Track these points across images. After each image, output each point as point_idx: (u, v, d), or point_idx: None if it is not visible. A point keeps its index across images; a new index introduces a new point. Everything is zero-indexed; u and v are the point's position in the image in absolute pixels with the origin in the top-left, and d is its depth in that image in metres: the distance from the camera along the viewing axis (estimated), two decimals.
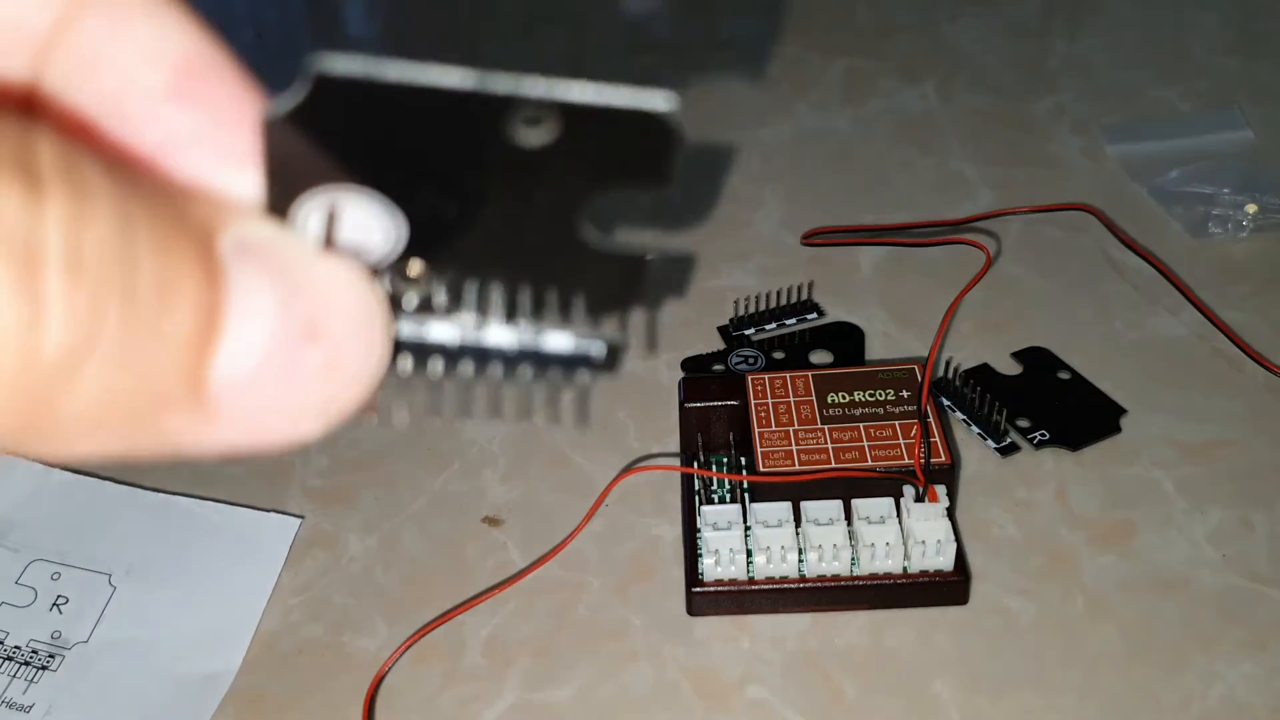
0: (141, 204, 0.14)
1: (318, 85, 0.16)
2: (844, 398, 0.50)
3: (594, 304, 0.19)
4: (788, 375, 0.51)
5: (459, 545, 0.50)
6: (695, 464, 0.51)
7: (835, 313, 0.61)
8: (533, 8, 0.89)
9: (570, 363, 0.19)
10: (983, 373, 0.56)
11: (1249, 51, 0.81)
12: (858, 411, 0.49)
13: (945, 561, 0.46)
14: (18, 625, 0.48)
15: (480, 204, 0.17)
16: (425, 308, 0.18)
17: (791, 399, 0.50)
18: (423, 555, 0.50)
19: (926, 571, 0.46)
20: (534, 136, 0.16)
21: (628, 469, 0.53)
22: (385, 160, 0.17)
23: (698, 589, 0.46)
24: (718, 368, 0.58)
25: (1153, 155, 0.70)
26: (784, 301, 0.60)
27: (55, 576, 0.49)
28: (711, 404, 0.52)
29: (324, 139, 0.16)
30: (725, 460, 0.51)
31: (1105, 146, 0.72)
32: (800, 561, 0.46)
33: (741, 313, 0.60)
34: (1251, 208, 0.64)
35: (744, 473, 0.50)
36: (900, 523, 0.46)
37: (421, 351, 0.18)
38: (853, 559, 0.46)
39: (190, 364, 0.15)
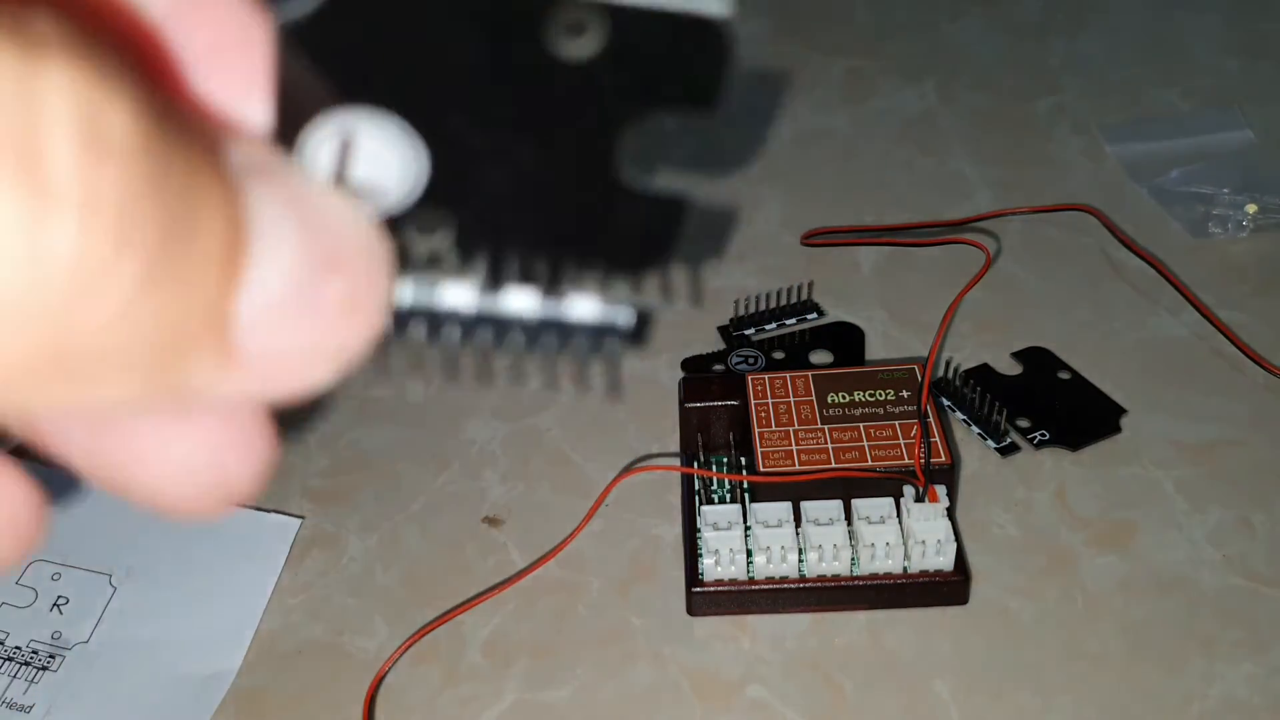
0: (151, 97, 0.12)
1: None
2: (844, 398, 0.50)
3: (627, 257, 0.17)
4: (788, 375, 0.51)
5: (459, 545, 0.50)
6: (695, 464, 0.51)
7: (835, 313, 0.61)
8: None
9: (597, 331, 0.17)
10: (983, 373, 0.56)
11: (1249, 51, 0.81)
12: (858, 411, 0.49)
13: (945, 561, 0.46)
14: (18, 625, 0.48)
15: (510, 134, 0.15)
16: (438, 265, 0.16)
17: (791, 399, 0.50)
18: (423, 555, 0.50)
19: (926, 571, 0.46)
20: (575, 48, 0.15)
21: (628, 469, 0.52)
22: (408, 77, 0.15)
23: (698, 589, 0.46)
24: (718, 368, 0.57)
25: (1153, 155, 0.70)
26: (784, 301, 0.60)
27: (56, 577, 0.49)
28: (711, 404, 0.52)
29: (340, 49, 0.14)
30: (725, 460, 0.51)
31: (1105, 146, 0.72)
32: (800, 561, 0.46)
33: (741, 313, 0.60)
34: (1251, 208, 0.64)
35: (744, 473, 0.50)
36: (900, 523, 0.46)
37: (435, 317, 0.17)
38: (853, 559, 0.46)
39: (220, 291, 0.13)
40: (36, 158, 0.11)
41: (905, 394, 0.50)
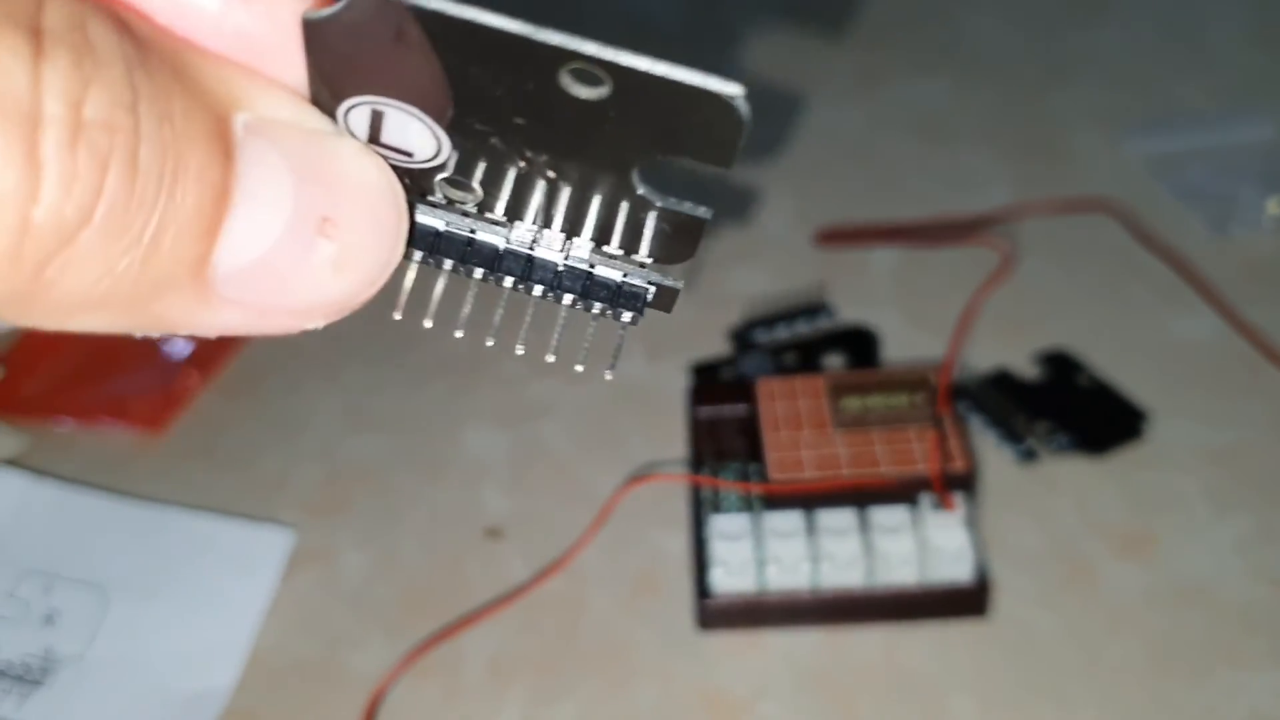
0: (152, 75, 0.14)
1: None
2: (858, 403, 0.49)
3: (648, 252, 0.18)
4: (799, 379, 0.50)
5: (459, 558, 0.49)
6: (704, 472, 0.49)
7: (848, 314, 0.59)
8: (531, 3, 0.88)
9: (619, 297, 0.19)
10: (1001, 377, 0.55)
11: (1272, 45, 0.79)
12: (872, 417, 0.48)
13: (963, 572, 0.45)
14: (9, 640, 0.47)
15: (529, 141, 0.16)
16: (475, 211, 0.18)
17: (803, 404, 0.49)
18: (421, 569, 0.49)
19: (944, 583, 0.45)
20: (585, 93, 0.16)
21: (634, 478, 0.51)
22: (430, 82, 0.16)
23: (707, 601, 0.45)
24: (727, 372, 0.56)
25: (1173, 151, 0.69)
26: (795, 303, 0.59)
27: (47, 590, 0.49)
28: (720, 410, 0.51)
29: (369, 50, 0.15)
30: (735, 468, 0.50)
31: (1125, 142, 0.70)
32: (813, 573, 0.45)
33: (751, 315, 0.59)
34: (1274, 205, 0.63)
35: (754, 481, 0.48)
36: (916, 532, 0.45)
37: (464, 254, 0.18)
38: (868, 570, 0.45)
39: (194, 248, 0.14)
40: (34, 134, 0.13)
41: (921, 399, 0.49)
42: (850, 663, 0.45)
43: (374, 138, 0.16)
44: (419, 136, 0.16)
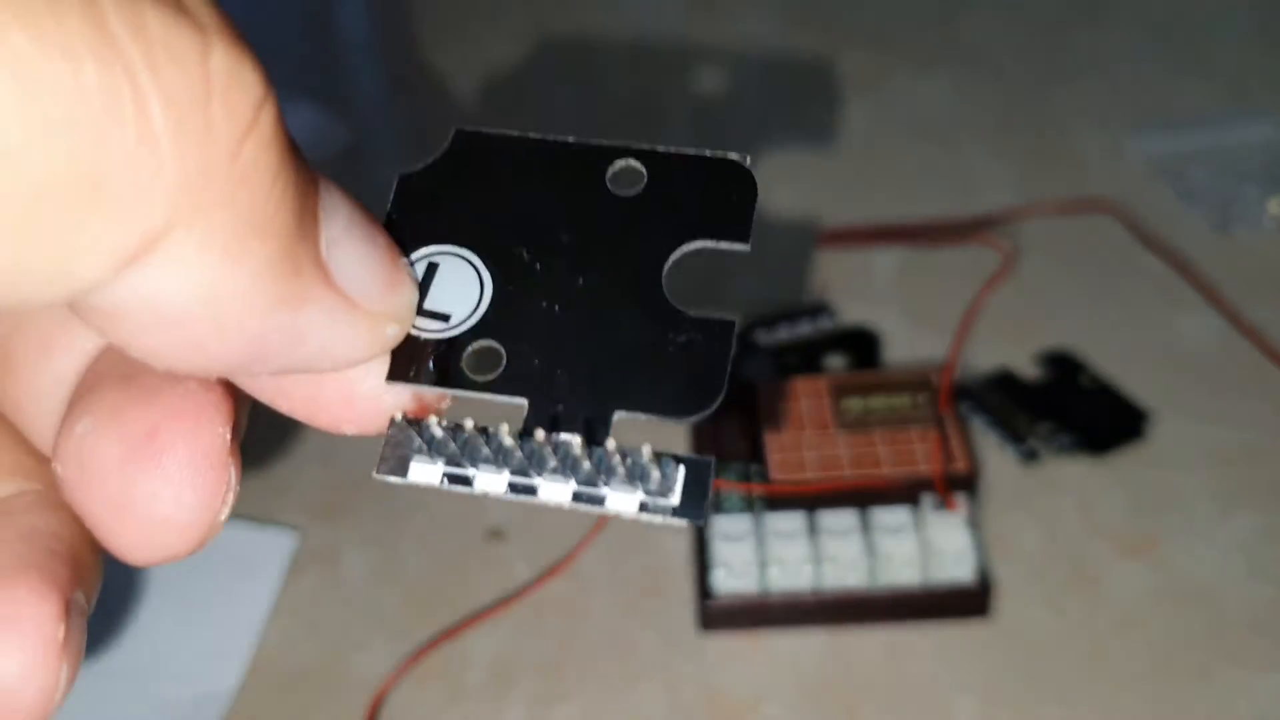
0: None
1: (455, 138, 0.19)
2: (859, 404, 0.48)
3: (678, 383, 0.19)
4: (801, 380, 0.50)
5: (461, 560, 0.49)
6: None
7: (849, 315, 0.59)
8: (535, 10, 0.88)
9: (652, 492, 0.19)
10: (1003, 377, 0.55)
11: (1273, 45, 0.79)
12: (874, 418, 0.48)
13: (966, 573, 0.45)
14: None
15: (571, 262, 0.19)
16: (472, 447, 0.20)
17: (805, 405, 0.49)
18: (424, 571, 0.49)
19: (946, 583, 0.45)
20: (625, 192, 0.19)
21: None
22: (495, 212, 0.19)
23: (709, 602, 0.45)
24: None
25: (1175, 151, 0.68)
26: (796, 304, 0.59)
27: None
28: (721, 410, 0.51)
29: (446, 191, 0.19)
30: (736, 469, 0.50)
31: (1126, 142, 0.70)
32: (815, 574, 0.45)
33: (753, 316, 0.58)
34: (1275, 205, 0.63)
35: (756, 482, 0.48)
36: (918, 533, 0.45)
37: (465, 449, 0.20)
38: (870, 571, 0.45)
39: (311, 207, 0.16)
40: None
41: (923, 399, 0.48)
42: (852, 664, 0.45)
43: (421, 298, 0.19)
44: (464, 287, 0.19)
